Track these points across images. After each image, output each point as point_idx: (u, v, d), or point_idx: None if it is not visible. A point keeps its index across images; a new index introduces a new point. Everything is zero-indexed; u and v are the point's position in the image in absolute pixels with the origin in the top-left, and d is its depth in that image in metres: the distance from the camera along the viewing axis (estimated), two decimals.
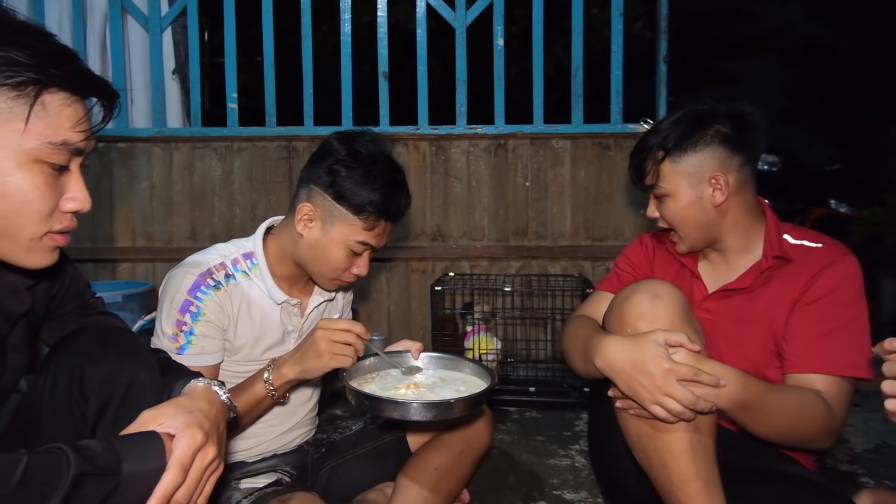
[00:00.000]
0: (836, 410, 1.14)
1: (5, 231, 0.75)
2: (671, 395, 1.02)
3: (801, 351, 1.19)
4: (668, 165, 1.29)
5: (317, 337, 1.16)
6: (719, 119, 1.28)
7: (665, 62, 2.69)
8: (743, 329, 1.27)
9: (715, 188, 1.27)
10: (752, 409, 1.08)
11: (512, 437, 1.98)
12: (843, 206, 5.07)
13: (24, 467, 0.61)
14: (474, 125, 2.74)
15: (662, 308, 1.09)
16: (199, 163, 2.78)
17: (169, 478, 0.71)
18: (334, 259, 1.26)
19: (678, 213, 1.31)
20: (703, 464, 1.07)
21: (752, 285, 1.27)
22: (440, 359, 1.35)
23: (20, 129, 0.72)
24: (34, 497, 0.61)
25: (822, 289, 1.20)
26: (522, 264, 2.74)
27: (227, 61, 2.74)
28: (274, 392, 1.19)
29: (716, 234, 1.31)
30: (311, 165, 1.28)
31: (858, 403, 2.30)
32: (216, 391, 0.87)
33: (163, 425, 0.75)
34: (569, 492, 1.60)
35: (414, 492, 1.34)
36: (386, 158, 1.27)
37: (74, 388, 0.89)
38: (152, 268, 2.80)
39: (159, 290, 1.26)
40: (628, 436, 1.15)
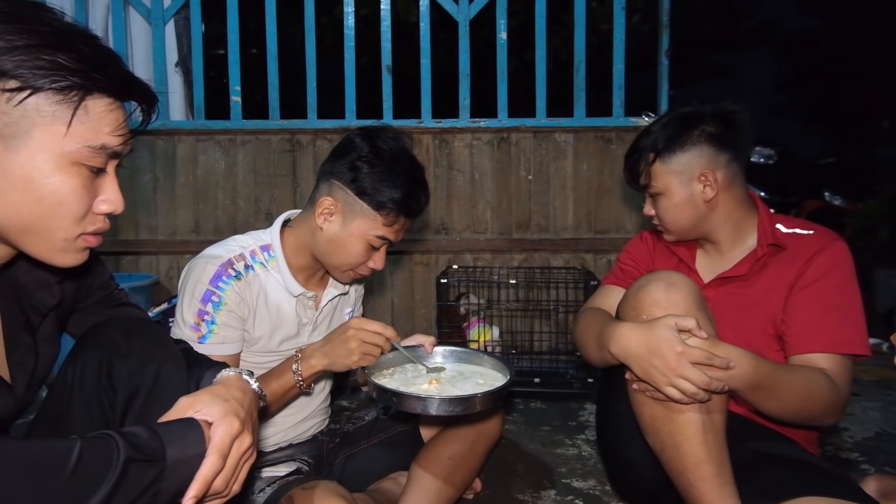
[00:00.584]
0: (841, 386, 1.19)
1: (39, 231, 0.76)
2: (685, 376, 1.05)
3: (801, 333, 1.24)
4: (659, 166, 1.37)
5: (349, 335, 1.19)
6: (705, 119, 1.35)
7: (667, 56, 2.71)
8: (742, 315, 1.32)
9: (705, 185, 1.34)
10: (762, 389, 1.12)
11: (518, 427, 2.01)
12: (838, 199, 5.12)
13: (78, 454, 0.63)
14: (477, 118, 2.75)
15: (678, 296, 1.13)
16: (203, 156, 2.78)
17: (209, 464, 0.72)
18: (353, 252, 1.28)
19: (671, 209, 1.38)
20: (714, 447, 1.10)
21: (748, 272, 1.33)
22: (456, 352, 1.39)
23: (62, 133, 0.73)
24: (87, 482, 0.63)
25: (816, 272, 1.26)
26: (525, 257, 2.77)
27: (231, 54, 2.73)
28: (302, 382, 1.22)
29: (708, 227, 1.38)
30: (332, 160, 1.30)
31: (857, 393, 2.35)
32: (248, 380, 0.88)
33: (200, 412, 0.76)
34: (577, 480, 1.63)
35: (428, 480, 1.37)
36: (407, 156, 1.29)
37: (103, 378, 0.91)
38: (156, 260, 2.80)
39: (179, 281, 1.28)
40: (642, 420, 1.18)
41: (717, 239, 1.39)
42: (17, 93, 0.70)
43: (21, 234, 0.76)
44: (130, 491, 0.65)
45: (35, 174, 0.72)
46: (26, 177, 0.72)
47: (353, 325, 1.20)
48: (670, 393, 1.07)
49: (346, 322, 1.22)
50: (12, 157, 0.72)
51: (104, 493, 0.63)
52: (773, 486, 1.08)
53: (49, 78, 0.71)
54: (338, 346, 1.20)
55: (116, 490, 0.64)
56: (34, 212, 0.74)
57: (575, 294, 2.50)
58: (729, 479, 1.10)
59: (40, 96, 0.71)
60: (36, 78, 0.70)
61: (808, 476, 1.10)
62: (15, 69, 0.69)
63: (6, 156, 0.71)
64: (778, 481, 1.09)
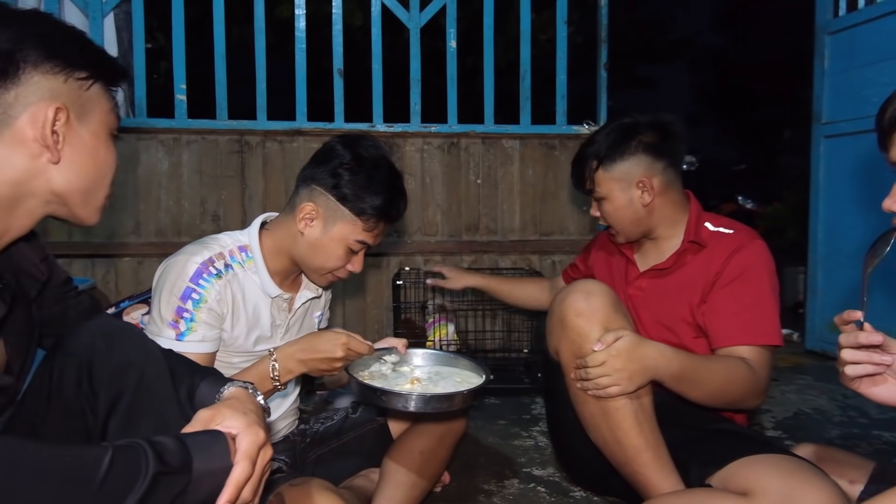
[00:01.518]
0: (760, 373, 1.34)
1: (95, 192, 0.88)
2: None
3: (723, 327, 1.39)
4: (602, 173, 1.50)
5: (339, 356, 1.22)
6: (642, 129, 1.49)
7: (605, 69, 2.88)
8: (666, 303, 1.48)
9: (643, 191, 1.47)
10: (686, 380, 1.26)
11: (476, 422, 2.08)
12: (749, 203, 5.57)
13: (108, 464, 0.62)
14: (428, 124, 2.82)
15: (596, 303, 1.27)
16: (144, 154, 2.68)
17: (241, 469, 0.74)
18: (333, 256, 1.32)
19: (613, 213, 1.52)
20: (650, 434, 1.24)
21: (673, 266, 1.48)
22: (433, 355, 1.47)
23: (108, 109, 0.89)
24: (115, 495, 0.62)
25: (735, 271, 1.41)
26: (475, 258, 2.86)
27: (175, 51, 2.66)
28: (280, 385, 1.24)
29: (648, 228, 1.52)
30: (314, 166, 1.33)
31: (775, 378, 2.59)
32: (254, 394, 0.90)
33: (223, 425, 0.77)
34: (537, 469, 1.72)
35: (401, 475, 1.41)
36: (387, 164, 1.34)
37: (84, 384, 0.89)
38: (91, 264, 2.67)
39: (155, 279, 1.26)
40: (584, 418, 1.32)
41: (655, 236, 1.54)
42: (85, 81, 0.85)
43: (83, 196, 0.87)
44: (156, 503, 0.65)
45: (98, 144, 0.87)
46: (93, 146, 0.86)
47: (343, 342, 1.22)
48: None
49: (334, 339, 1.23)
50: (85, 132, 0.85)
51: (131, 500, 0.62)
52: (717, 454, 1.21)
53: (101, 69, 0.87)
54: (322, 362, 1.23)
55: (143, 503, 0.64)
56: (98, 174, 0.88)
57: None
58: (667, 460, 1.24)
59: (99, 83, 0.87)
60: (96, 68, 0.85)
61: (745, 442, 1.24)
62: (84, 62, 0.84)
63: (81, 130, 0.85)
64: (721, 449, 1.22)
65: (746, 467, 1.14)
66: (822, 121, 2.99)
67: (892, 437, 1.94)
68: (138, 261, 2.68)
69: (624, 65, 9.58)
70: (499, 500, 1.54)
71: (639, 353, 1.22)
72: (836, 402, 2.30)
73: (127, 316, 2.15)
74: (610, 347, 1.21)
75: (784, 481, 1.06)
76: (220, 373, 0.97)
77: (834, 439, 1.95)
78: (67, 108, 0.82)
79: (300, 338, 1.30)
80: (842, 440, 1.94)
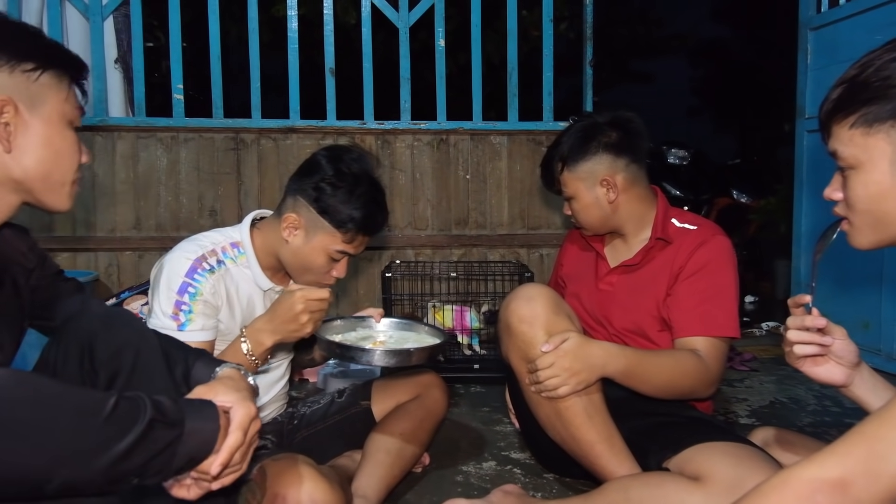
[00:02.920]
0: (711, 364, 1.40)
1: (55, 178, 0.94)
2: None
3: (682, 318, 1.46)
4: (567, 174, 1.56)
5: (299, 310, 1.27)
6: (602, 129, 1.55)
7: (591, 65, 2.95)
8: (634, 298, 1.54)
9: (608, 188, 1.53)
10: (634, 376, 1.34)
11: (461, 409, 2.17)
12: (744, 197, 5.59)
13: (114, 404, 0.72)
14: (418, 121, 2.89)
15: (538, 307, 1.35)
16: (144, 152, 2.77)
17: (234, 437, 0.83)
18: (315, 264, 1.40)
19: (581, 211, 1.58)
20: (601, 426, 1.33)
21: (641, 262, 1.55)
22: (400, 323, 1.60)
23: (64, 98, 0.93)
24: (117, 430, 0.72)
25: (696, 265, 1.47)
26: (464, 252, 2.94)
27: (173, 52, 2.74)
28: (256, 361, 1.30)
29: (616, 224, 1.58)
30: (299, 178, 1.41)
31: (756, 368, 2.67)
32: (245, 375, 0.99)
33: (218, 399, 0.86)
34: (514, 452, 1.80)
35: (382, 454, 1.50)
36: (369, 178, 1.41)
37: (85, 362, 0.98)
38: (94, 257, 2.77)
39: (152, 275, 1.35)
40: (540, 420, 1.41)
41: (623, 232, 1.60)
42: (33, 72, 0.89)
43: (43, 183, 0.93)
44: (150, 446, 0.75)
45: (52, 132, 0.92)
46: (47, 135, 0.91)
47: (299, 298, 1.27)
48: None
49: (289, 296, 1.28)
50: (37, 121, 0.90)
51: (128, 442, 0.72)
52: (674, 439, 1.28)
53: (50, 59, 0.91)
54: (288, 321, 1.28)
55: (139, 443, 0.73)
56: (54, 161, 0.93)
57: (511, 286, 2.68)
58: (620, 448, 1.32)
59: (50, 74, 0.91)
60: (44, 59, 0.90)
61: (702, 429, 1.31)
62: (30, 54, 0.89)
63: (33, 120, 0.90)
64: (678, 435, 1.29)
65: (700, 453, 1.20)
66: (806, 115, 3.05)
67: None
68: (139, 254, 2.77)
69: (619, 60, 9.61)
70: (475, 479, 1.62)
71: (584, 352, 1.29)
72: (812, 391, 2.37)
73: (128, 305, 2.26)
74: (557, 349, 1.29)
75: (734, 468, 1.12)
76: (212, 355, 1.06)
77: (805, 427, 2.01)
78: (13, 99, 0.87)
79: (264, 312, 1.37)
80: (812, 427, 2.01)
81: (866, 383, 1.05)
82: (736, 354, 2.82)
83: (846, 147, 0.85)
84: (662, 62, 10.92)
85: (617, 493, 1.21)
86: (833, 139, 0.88)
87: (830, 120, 0.87)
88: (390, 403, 1.63)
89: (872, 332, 2.55)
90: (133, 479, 0.76)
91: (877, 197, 0.83)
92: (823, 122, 0.89)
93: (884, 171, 0.82)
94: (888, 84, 0.80)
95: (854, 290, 2.61)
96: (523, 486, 1.57)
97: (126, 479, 0.75)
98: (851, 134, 0.84)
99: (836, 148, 0.87)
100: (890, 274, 2.48)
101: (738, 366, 2.68)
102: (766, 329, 3.37)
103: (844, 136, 0.85)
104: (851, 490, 0.68)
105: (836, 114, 0.86)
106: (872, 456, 0.69)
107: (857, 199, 0.86)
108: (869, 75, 0.82)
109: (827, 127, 0.89)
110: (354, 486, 1.41)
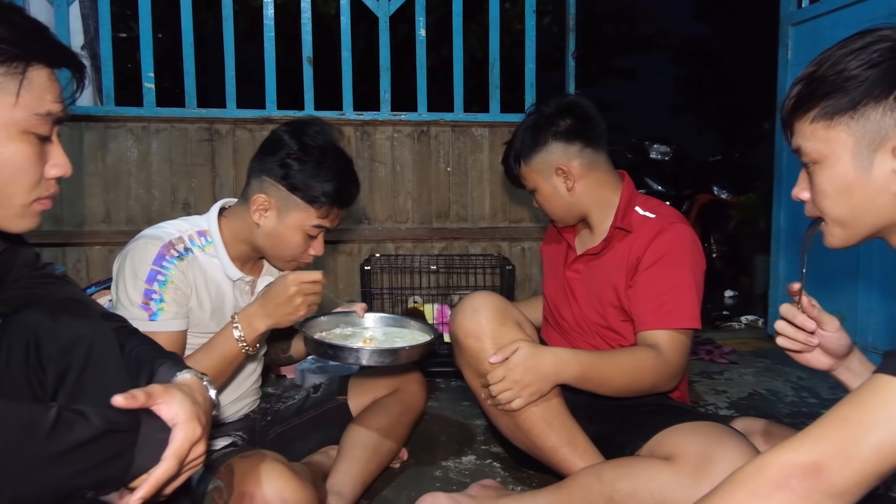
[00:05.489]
0: (671, 358, 1.36)
1: (2, 197, 0.80)
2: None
3: (641, 312, 1.42)
4: (524, 168, 1.55)
5: (292, 293, 1.24)
6: (549, 119, 1.51)
7: (573, 58, 2.92)
8: (596, 287, 1.52)
9: (563, 177, 1.50)
10: (590, 379, 1.31)
11: (441, 403, 2.13)
12: (724, 193, 5.63)
13: (55, 417, 0.66)
14: (398, 112, 2.84)
15: (482, 319, 1.32)
16: (113, 143, 2.68)
17: (165, 467, 0.74)
18: (292, 244, 1.35)
19: (545, 202, 1.57)
20: (562, 430, 1.31)
21: (602, 251, 1.52)
22: (385, 318, 1.55)
23: (12, 103, 0.77)
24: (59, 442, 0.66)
25: (654, 255, 1.43)
26: (445, 245, 2.90)
27: (143, 39, 2.66)
28: (247, 347, 1.26)
29: (579, 211, 1.54)
30: (262, 157, 1.35)
31: (735, 361, 2.67)
32: (207, 387, 0.90)
33: (167, 406, 0.78)
34: (494, 446, 1.77)
35: (358, 450, 1.45)
36: (335, 149, 1.36)
37: (31, 358, 0.91)
38: (62, 252, 2.68)
39: (115, 267, 1.28)
40: (501, 430, 1.40)
41: (590, 220, 1.56)
42: None
43: None
44: (101, 457, 0.69)
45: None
46: None
47: (292, 281, 1.25)
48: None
49: (282, 280, 1.25)
50: None
51: (75, 454, 0.67)
52: (644, 427, 1.27)
53: None
54: (282, 305, 1.25)
55: (88, 454, 0.67)
56: (1, 176, 0.78)
57: (493, 279, 2.65)
58: (585, 448, 1.31)
59: None
60: None
61: (670, 413, 1.30)
62: None
63: None
64: (648, 423, 1.28)
65: (668, 436, 1.20)
66: None
67: None
68: (109, 249, 2.69)
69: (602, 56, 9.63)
70: (454, 474, 1.58)
71: (535, 361, 1.26)
72: (790, 383, 2.37)
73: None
74: (507, 361, 1.26)
75: (702, 443, 1.12)
76: (181, 359, 0.99)
77: (783, 417, 2.02)
78: None
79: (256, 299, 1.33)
80: (790, 418, 2.01)
81: (853, 371, 1.05)
82: (716, 347, 2.82)
83: (808, 142, 0.86)
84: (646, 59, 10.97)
85: (590, 476, 1.20)
86: (796, 136, 0.88)
87: (792, 117, 0.88)
88: (367, 398, 1.59)
89: (849, 325, 2.56)
90: (87, 493, 0.71)
91: (842, 190, 0.84)
92: (786, 119, 0.90)
93: (847, 164, 0.83)
94: (844, 77, 0.81)
95: (831, 283, 2.62)
96: (503, 479, 1.54)
97: (79, 492, 0.69)
98: (813, 128, 0.85)
99: (799, 144, 0.88)
100: (866, 267, 2.49)
101: (718, 358, 2.68)
102: (746, 322, 3.39)
103: (806, 132, 0.86)
104: (825, 473, 0.69)
105: (797, 110, 0.87)
106: (845, 439, 0.70)
107: (823, 195, 0.87)
108: (825, 70, 0.83)
109: (790, 124, 0.89)
110: (329, 482, 1.36)
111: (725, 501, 0.73)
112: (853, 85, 0.80)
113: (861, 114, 0.80)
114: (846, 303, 2.57)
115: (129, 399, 0.75)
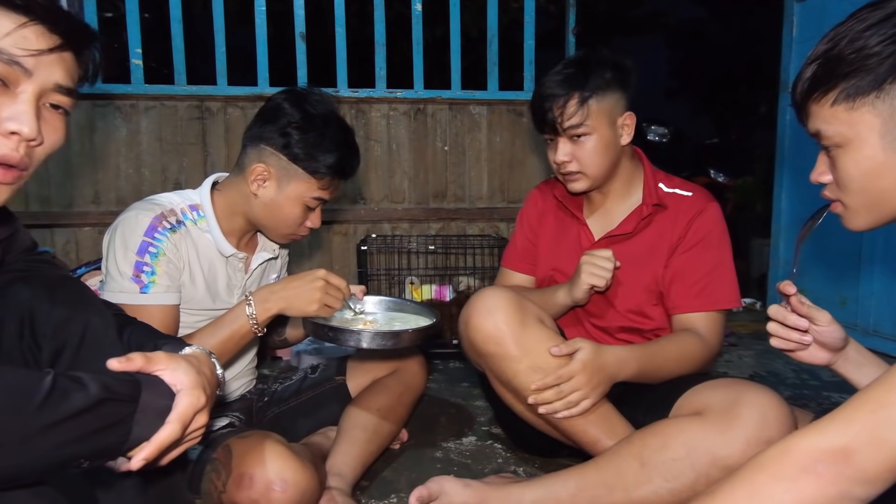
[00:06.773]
0: (712, 340, 1.34)
1: None
2: None
3: (683, 294, 1.37)
4: (595, 105, 1.33)
5: (317, 286, 1.21)
6: (618, 65, 1.38)
7: (574, 34, 2.86)
8: (629, 271, 1.41)
9: (625, 129, 1.38)
10: (644, 374, 1.28)
11: (440, 385, 2.10)
12: (721, 176, 5.62)
13: (51, 383, 0.63)
14: (394, 89, 2.78)
15: (500, 322, 1.21)
16: (101, 122, 2.61)
17: (169, 430, 0.72)
18: (291, 215, 1.31)
19: (595, 153, 1.35)
20: (603, 424, 1.24)
21: (634, 230, 1.42)
22: (385, 301, 1.52)
23: None
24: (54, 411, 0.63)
25: (696, 236, 1.37)
26: (442, 225, 2.85)
27: (130, 14, 2.57)
28: (257, 325, 1.22)
29: (612, 175, 1.42)
30: (261, 125, 1.30)
31: (734, 343, 2.65)
32: (214, 362, 0.88)
33: (172, 372, 0.76)
34: (495, 427, 1.74)
35: (358, 431, 1.42)
36: (337, 119, 1.32)
37: (26, 335, 0.88)
38: (50, 234, 2.61)
39: (105, 241, 1.23)
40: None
41: (607, 189, 1.44)
42: None
43: None
44: (98, 426, 0.66)
45: None
46: None
47: (321, 275, 1.23)
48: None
49: (313, 272, 1.24)
50: None
51: (71, 423, 0.64)
52: (664, 399, 1.24)
53: None
54: (302, 292, 1.22)
55: (83, 423, 0.65)
56: None
57: (490, 260, 2.62)
58: (623, 430, 1.24)
59: None
60: None
61: (686, 380, 1.26)
62: None
63: None
64: (667, 394, 1.24)
65: (692, 395, 1.18)
66: (789, 89, 3.01)
67: (841, 398, 2.00)
68: (98, 230, 2.62)
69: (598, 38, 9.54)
70: (455, 455, 1.56)
71: (600, 363, 1.21)
72: (790, 365, 2.36)
73: (85, 282, 2.11)
74: (573, 363, 1.19)
75: (727, 394, 1.11)
76: (184, 342, 0.95)
77: (785, 399, 2.00)
78: None
79: (278, 281, 1.30)
80: (792, 400, 1.98)
81: (851, 362, 1.03)
82: None
83: (830, 125, 0.81)
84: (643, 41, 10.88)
85: (618, 444, 1.18)
86: (813, 119, 0.83)
87: (807, 100, 0.83)
88: (366, 379, 1.55)
89: (849, 308, 2.55)
90: (83, 463, 0.68)
91: (870, 174, 0.79)
92: (800, 102, 0.85)
93: (874, 146, 0.78)
94: (864, 54, 0.76)
95: (832, 266, 2.60)
96: (505, 461, 1.51)
97: (74, 461, 0.66)
98: (834, 111, 0.80)
99: (818, 128, 0.83)
100: (868, 250, 2.47)
101: None
102: (744, 305, 3.38)
103: (826, 115, 0.81)
104: (854, 458, 0.66)
105: (813, 92, 0.82)
106: (877, 423, 0.66)
107: (849, 178, 0.82)
108: (843, 48, 0.78)
109: (804, 107, 0.84)
110: (329, 463, 1.33)
111: (746, 485, 0.70)
112: (875, 62, 0.75)
113: (887, 92, 0.75)
114: (847, 286, 2.56)
115: (126, 362, 0.73)
